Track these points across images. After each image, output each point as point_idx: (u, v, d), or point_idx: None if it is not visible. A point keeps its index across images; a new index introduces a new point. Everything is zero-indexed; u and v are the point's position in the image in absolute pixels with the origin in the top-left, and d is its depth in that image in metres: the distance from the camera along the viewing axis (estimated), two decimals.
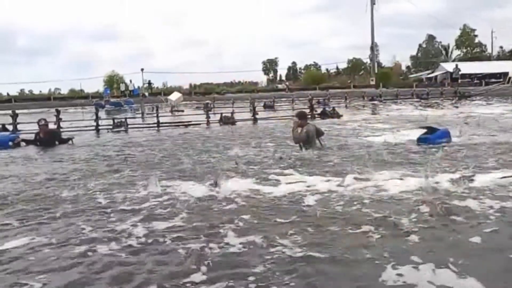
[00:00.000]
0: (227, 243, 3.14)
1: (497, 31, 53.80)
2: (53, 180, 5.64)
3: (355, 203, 4.07)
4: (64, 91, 54.03)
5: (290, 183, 4.97)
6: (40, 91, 52.21)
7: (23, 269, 2.83)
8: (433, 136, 7.64)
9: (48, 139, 9.81)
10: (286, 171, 5.59)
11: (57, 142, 9.86)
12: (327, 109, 17.00)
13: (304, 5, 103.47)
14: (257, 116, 15.30)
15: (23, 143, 9.85)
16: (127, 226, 3.61)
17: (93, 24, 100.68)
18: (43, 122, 10.14)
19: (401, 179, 4.93)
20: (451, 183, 4.66)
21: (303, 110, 9.41)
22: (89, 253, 3.05)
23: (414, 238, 3.13)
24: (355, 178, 5.02)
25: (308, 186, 4.72)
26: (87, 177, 5.78)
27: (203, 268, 2.72)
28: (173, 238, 3.28)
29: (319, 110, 16.50)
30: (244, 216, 3.74)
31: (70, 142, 10.03)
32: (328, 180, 4.98)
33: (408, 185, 4.62)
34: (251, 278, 2.56)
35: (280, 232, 3.30)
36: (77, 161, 7.36)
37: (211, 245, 3.11)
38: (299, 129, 7.49)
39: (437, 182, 4.67)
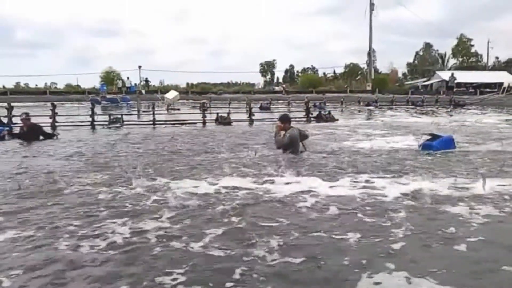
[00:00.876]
0: (210, 244, 3.14)
1: (494, 41, 54.32)
2: (41, 175, 5.59)
3: (347, 207, 4.09)
4: (60, 85, 53.59)
5: (284, 184, 5.00)
6: (36, 85, 51.72)
7: (2, 264, 2.83)
8: (436, 142, 7.54)
9: (32, 133, 9.71)
10: (279, 173, 5.58)
11: (41, 137, 9.75)
12: (323, 112, 17.10)
13: (304, 9, 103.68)
14: (253, 117, 15.35)
15: (7, 137, 9.76)
16: (114, 224, 3.60)
17: (92, 19, 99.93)
18: (24, 116, 9.97)
19: (396, 184, 4.96)
20: (446, 190, 4.71)
21: (286, 113, 9.02)
22: (70, 252, 3.03)
23: (399, 245, 3.13)
24: (350, 182, 5.06)
25: (301, 189, 4.73)
26: (75, 172, 5.76)
27: (182, 270, 2.73)
28: (158, 238, 3.28)
29: (315, 113, 16.58)
30: (233, 219, 3.74)
31: (54, 137, 9.94)
32: (322, 184, 4.98)
33: (403, 190, 4.66)
34: (227, 283, 2.57)
35: (265, 234, 3.31)
36: (67, 157, 7.30)
37: (193, 246, 3.12)
38: (282, 133, 7.09)
39: (431, 189, 4.70)
